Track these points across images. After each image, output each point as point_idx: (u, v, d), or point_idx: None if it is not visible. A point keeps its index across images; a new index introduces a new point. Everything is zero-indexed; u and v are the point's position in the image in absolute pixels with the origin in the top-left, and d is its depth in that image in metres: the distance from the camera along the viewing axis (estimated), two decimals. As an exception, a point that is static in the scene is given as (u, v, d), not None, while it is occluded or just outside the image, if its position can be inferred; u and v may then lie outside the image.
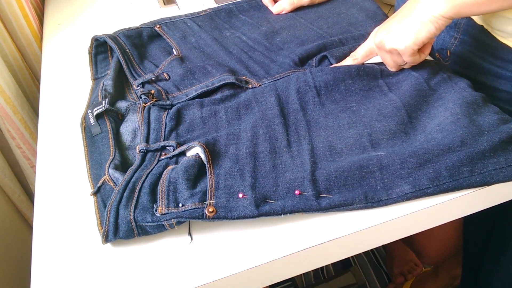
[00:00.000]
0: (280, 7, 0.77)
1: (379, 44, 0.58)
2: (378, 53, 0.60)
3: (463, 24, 0.64)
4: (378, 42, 0.58)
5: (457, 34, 0.66)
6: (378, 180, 0.47)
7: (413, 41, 0.54)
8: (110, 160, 0.52)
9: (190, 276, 0.43)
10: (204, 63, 0.66)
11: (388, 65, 0.61)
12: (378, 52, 0.60)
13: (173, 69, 0.65)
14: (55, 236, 0.48)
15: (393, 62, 0.59)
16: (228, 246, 0.45)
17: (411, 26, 0.54)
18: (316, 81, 0.59)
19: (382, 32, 0.57)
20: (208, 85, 0.61)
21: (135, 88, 0.62)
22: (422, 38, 0.54)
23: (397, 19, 0.56)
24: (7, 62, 0.77)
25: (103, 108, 0.58)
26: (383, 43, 0.57)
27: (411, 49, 0.55)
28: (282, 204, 0.45)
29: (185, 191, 0.46)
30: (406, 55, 0.56)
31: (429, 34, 0.53)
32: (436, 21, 0.53)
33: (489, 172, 0.47)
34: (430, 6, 0.52)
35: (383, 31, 0.57)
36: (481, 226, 0.81)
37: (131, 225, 0.45)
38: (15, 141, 0.75)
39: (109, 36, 0.69)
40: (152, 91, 0.60)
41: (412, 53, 0.55)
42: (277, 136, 0.53)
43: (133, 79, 0.64)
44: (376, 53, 0.61)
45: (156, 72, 0.65)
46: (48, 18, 0.85)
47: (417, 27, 0.53)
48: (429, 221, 0.49)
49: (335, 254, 0.47)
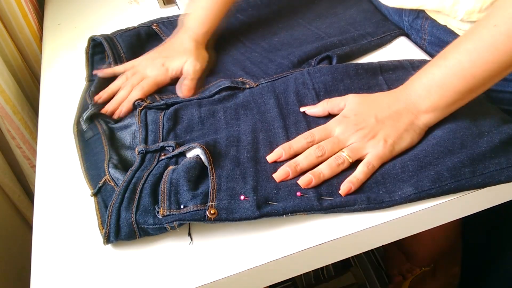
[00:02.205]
0: (187, 89, 0.62)
1: (343, 138, 0.50)
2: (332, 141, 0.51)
3: (427, 25, 0.65)
4: (344, 137, 0.50)
5: (424, 36, 0.67)
6: (380, 185, 0.47)
7: (389, 150, 0.49)
8: (107, 160, 0.52)
9: (190, 276, 0.43)
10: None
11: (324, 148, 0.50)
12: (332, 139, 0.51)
13: None
14: (55, 236, 0.48)
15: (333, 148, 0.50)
16: (228, 246, 0.45)
17: (394, 131, 0.49)
18: (314, 82, 0.59)
19: (354, 125, 0.50)
20: (205, 92, 0.61)
21: None
22: (400, 149, 0.50)
23: (376, 112, 0.51)
24: (7, 62, 0.77)
25: (90, 111, 0.58)
26: (355, 141, 0.50)
27: (385, 158, 0.49)
28: (283, 205, 0.45)
29: (187, 192, 0.45)
30: (373, 159, 0.48)
31: (409, 145, 0.50)
32: (420, 132, 0.50)
33: (490, 173, 0.47)
34: (418, 116, 0.50)
35: (355, 123, 0.51)
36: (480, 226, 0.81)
37: (132, 227, 0.45)
38: (15, 141, 0.75)
39: (106, 38, 0.69)
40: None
41: (382, 162, 0.49)
42: (278, 141, 0.53)
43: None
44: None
45: None
46: (48, 18, 0.85)
47: (400, 134, 0.49)
48: (429, 221, 0.49)
49: (335, 254, 0.47)
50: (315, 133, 0.52)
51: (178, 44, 0.66)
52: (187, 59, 0.64)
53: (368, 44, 0.68)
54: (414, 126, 0.50)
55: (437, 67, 0.49)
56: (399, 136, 0.49)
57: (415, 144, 0.50)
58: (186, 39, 0.66)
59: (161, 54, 0.66)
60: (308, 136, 0.51)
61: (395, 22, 0.72)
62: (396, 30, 0.70)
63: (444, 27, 0.62)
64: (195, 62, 0.64)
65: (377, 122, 0.50)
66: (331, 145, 0.50)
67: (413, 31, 0.69)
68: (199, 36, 0.67)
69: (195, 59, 0.64)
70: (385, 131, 0.50)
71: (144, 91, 0.61)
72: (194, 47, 0.66)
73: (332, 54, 0.64)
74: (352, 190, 0.47)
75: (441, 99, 0.49)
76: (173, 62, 0.64)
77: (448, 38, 0.63)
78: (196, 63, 0.64)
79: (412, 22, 0.68)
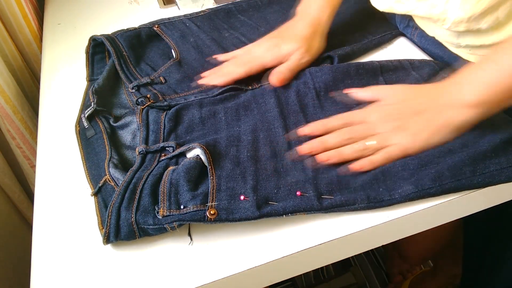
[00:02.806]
0: (279, 75, 0.60)
1: (376, 126, 0.50)
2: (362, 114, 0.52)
3: (416, 35, 0.65)
4: (377, 125, 0.50)
5: (416, 43, 0.67)
6: (380, 182, 0.47)
7: (418, 145, 0.48)
8: (107, 159, 0.52)
9: (190, 276, 0.43)
10: (203, 68, 0.66)
11: (353, 135, 0.50)
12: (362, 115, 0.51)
13: (170, 74, 0.65)
14: (55, 236, 0.48)
15: (361, 133, 0.50)
16: (227, 246, 0.45)
17: (429, 126, 0.49)
18: (315, 82, 0.59)
19: (386, 114, 0.50)
20: (208, 94, 0.60)
21: (130, 91, 0.62)
22: (433, 144, 0.49)
23: (418, 103, 0.50)
24: (7, 62, 0.77)
25: (92, 109, 0.58)
26: (385, 129, 0.50)
27: (411, 152, 0.49)
28: (283, 205, 0.45)
29: (187, 192, 0.45)
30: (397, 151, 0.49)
31: (442, 142, 0.49)
32: (458, 131, 0.49)
33: (490, 173, 0.47)
34: (460, 111, 0.48)
35: (388, 111, 0.50)
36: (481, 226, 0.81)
37: (132, 227, 0.45)
38: (15, 141, 0.75)
39: (107, 37, 0.69)
40: (148, 95, 0.60)
41: (407, 153, 0.49)
42: (278, 140, 0.53)
43: (129, 82, 0.64)
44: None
45: (153, 75, 0.65)
46: (48, 18, 0.85)
47: (435, 130, 0.49)
48: (428, 221, 0.49)
49: (335, 254, 0.47)
50: (351, 116, 0.52)
51: (295, 28, 0.63)
52: (299, 48, 0.61)
53: (369, 43, 0.68)
54: (453, 124, 0.49)
55: (485, 63, 0.48)
56: (434, 132, 0.49)
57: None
58: (304, 25, 0.62)
59: (278, 35, 0.63)
60: (344, 118, 0.52)
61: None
62: (396, 29, 0.71)
63: (432, 38, 0.62)
64: (304, 54, 0.61)
65: (415, 114, 0.50)
66: (362, 130, 0.50)
67: (407, 36, 0.70)
68: (319, 22, 0.63)
69: (306, 50, 0.61)
70: (420, 124, 0.49)
71: (248, 70, 0.60)
72: (310, 34, 0.62)
73: (333, 54, 0.64)
74: (363, 169, 0.48)
75: (486, 94, 0.47)
76: (288, 45, 0.61)
77: (435, 50, 0.63)
78: (305, 55, 0.61)
79: (404, 29, 0.69)
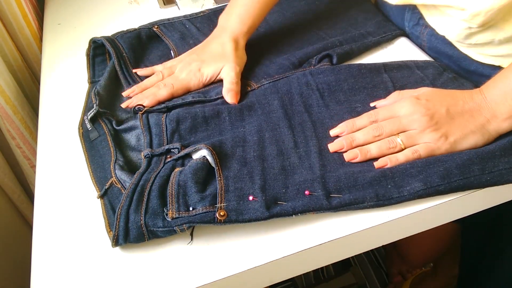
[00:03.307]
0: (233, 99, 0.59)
1: (405, 122, 0.49)
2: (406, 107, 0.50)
3: (426, 33, 0.64)
4: (406, 121, 0.49)
5: (424, 43, 0.67)
6: (388, 179, 0.47)
7: (446, 147, 0.48)
8: (113, 161, 0.52)
9: (190, 276, 0.43)
10: None
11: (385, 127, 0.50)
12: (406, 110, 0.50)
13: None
14: (55, 237, 0.48)
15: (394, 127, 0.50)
16: (228, 246, 0.45)
17: (460, 129, 0.48)
18: (318, 83, 0.59)
19: (431, 116, 0.49)
20: (206, 95, 0.60)
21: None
22: (461, 149, 0.48)
23: (449, 105, 0.49)
24: (7, 62, 0.77)
25: (95, 110, 0.58)
26: (435, 127, 0.48)
27: (438, 153, 0.48)
28: (292, 204, 0.45)
29: (195, 194, 0.45)
30: (431, 149, 0.48)
31: (472, 147, 0.48)
32: (489, 138, 0.49)
33: (499, 171, 0.46)
34: (491, 121, 0.48)
35: (430, 114, 0.49)
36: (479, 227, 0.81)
37: (141, 230, 0.44)
38: (15, 141, 0.75)
39: (107, 39, 0.69)
40: None
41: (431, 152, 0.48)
42: (284, 139, 0.53)
43: (127, 85, 0.63)
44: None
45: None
46: (48, 18, 0.85)
47: (465, 134, 0.48)
48: (428, 221, 0.49)
49: (336, 254, 0.47)
50: (379, 112, 0.52)
51: (216, 46, 0.64)
52: (225, 64, 0.62)
53: (368, 43, 0.68)
54: (484, 130, 0.48)
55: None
56: (464, 136, 0.48)
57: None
58: (225, 40, 0.64)
59: (199, 57, 0.64)
60: (372, 115, 0.52)
61: (398, 26, 0.72)
62: (397, 30, 0.70)
63: (443, 37, 0.62)
64: (234, 66, 0.62)
65: (446, 115, 0.49)
66: (391, 127, 0.50)
67: (413, 36, 0.69)
68: (239, 36, 0.64)
69: (234, 62, 0.62)
70: (451, 127, 0.48)
71: (172, 92, 0.60)
72: (233, 48, 0.63)
73: (332, 53, 0.64)
74: (386, 166, 0.48)
75: None
76: (209, 67, 0.62)
77: (445, 49, 0.62)
78: (235, 67, 0.62)
79: (412, 28, 0.68)
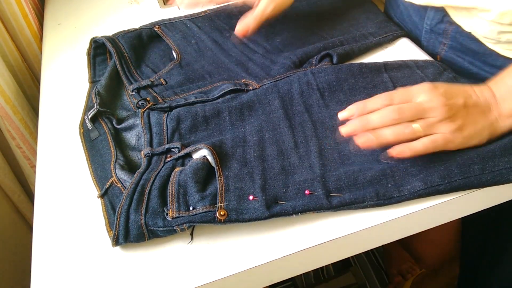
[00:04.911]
0: (244, 26, 0.63)
1: (427, 108, 0.46)
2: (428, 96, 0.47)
3: (450, 30, 0.64)
4: (428, 106, 0.46)
5: (446, 40, 0.66)
6: (388, 178, 0.47)
7: (460, 141, 0.46)
8: (113, 160, 0.52)
9: (190, 275, 0.43)
10: (203, 69, 0.66)
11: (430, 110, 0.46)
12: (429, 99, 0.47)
13: (171, 75, 0.65)
14: (55, 237, 0.48)
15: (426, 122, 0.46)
16: (228, 246, 0.45)
17: (474, 124, 0.47)
18: (318, 82, 0.59)
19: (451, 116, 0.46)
20: (208, 95, 0.60)
21: (130, 93, 0.62)
22: (470, 145, 0.47)
23: (465, 96, 0.48)
24: (7, 62, 0.77)
25: (95, 110, 0.58)
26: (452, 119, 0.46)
27: (452, 147, 0.47)
28: (293, 204, 0.45)
29: (195, 194, 0.45)
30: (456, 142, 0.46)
31: (478, 144, 0.47)
32: (495, 136, 0.48)
33: (500, 171, 0.46)
34: (499, 118, 0.47)
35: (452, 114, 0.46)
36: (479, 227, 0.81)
37: (142, 230, 0.45)
38: (15, 141, 0.75)
39: (108, 39, 0.69)
40: (147, 98, 0.60)
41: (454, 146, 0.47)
42: (284, 139, 0.53)
43: (129, 84, 0.64)
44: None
45: (153, 78, 0.65)
46: (48, 18, 0.85)
47: (477, 129, 0.47)
48: (428, 221, 0.49)
49: (336, 254, 0.47)
50: (395, 95, 0.47)
51: None
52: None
53: (369, 43, 0.68)
54: (492, 128, 0.47)
55: None
56: (476, 131, 0.46)
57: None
58: None
59: None
60: (387, 98, 0.47)
61: (413, 24, 0.70)
62: (398, 31, 0.70)
63: (469, 33, 0.61)
64: (269, 4, 0.62)
65: (463, 108, 0.46)
66: (412, 111, 0.45)
67: (432, 34, 0.67)
68: None
69: (272, 1, 0.62)
70: (466, 120, 0.46)
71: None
72: None
73: (332, 53, 0.64)
74: (404, 156, 0.44)
75: None
76: None
77: (471, 45, 0.62)
78: (269, 5, 0.61)
79: (435, 26, 0.66)
